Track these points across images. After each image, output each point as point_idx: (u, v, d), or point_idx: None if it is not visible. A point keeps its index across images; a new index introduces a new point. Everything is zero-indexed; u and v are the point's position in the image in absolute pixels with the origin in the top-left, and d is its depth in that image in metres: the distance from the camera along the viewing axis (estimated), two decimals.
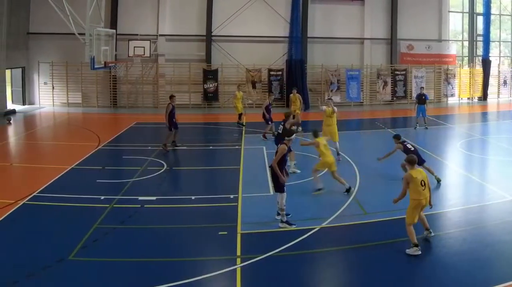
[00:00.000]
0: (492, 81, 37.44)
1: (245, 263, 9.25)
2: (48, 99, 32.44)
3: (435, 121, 26.13)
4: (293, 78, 32.08)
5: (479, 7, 37.28)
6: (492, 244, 10.03)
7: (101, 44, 24.67)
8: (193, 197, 13.28)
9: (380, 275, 8.88)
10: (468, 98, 36.86)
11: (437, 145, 20.15)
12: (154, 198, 13.26)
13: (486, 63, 36.77)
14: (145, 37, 31.43)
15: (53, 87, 32.30)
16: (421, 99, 24.13)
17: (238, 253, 9.74)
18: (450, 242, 10.28)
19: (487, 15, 36.46)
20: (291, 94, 23.72)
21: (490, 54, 37.18)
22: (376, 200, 13.00)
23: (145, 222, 11.62)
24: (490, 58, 37.03)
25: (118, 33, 29.49)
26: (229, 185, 14.37)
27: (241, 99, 24.89)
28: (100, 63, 24.40)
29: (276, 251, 9.75)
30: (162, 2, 32.43)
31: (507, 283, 8.32)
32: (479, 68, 37.08)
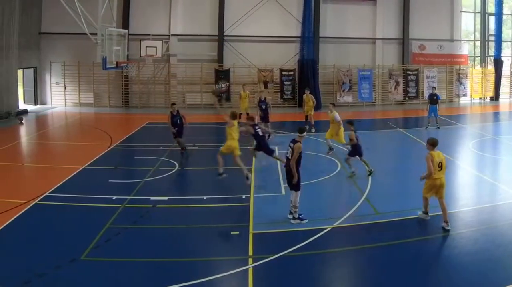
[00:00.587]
0: (504, 81, 37.21)
1: (257, 263, 9.25)
2: (60, 99, 32.65)
3: (447, 121, 25.95)
4: (305, 78, 32.00)
5: (491, 7, 37.03)
6: (505, 244, 9.97)
7: (113, 44, 24.82)
8: (205, 197, 13.27)
9: (392, 276, 8.84)
10: (480, 98, 36.58)
11: (449, 145, 20.00)
12: (166, 198, 13.27)
13: (498, 63, 36.55)
14: (157, 37, 31.47)
15: (65, 87, 32.48)
16: (433, 99, 24.08)
17: (250, 253, 9.74)
18: (462, 242, 10.23)
19: (499, 15, 36.28)
20: (304, 95, 23.68)
21: (502, 54, 36.96)
22: (388, 200, 12.99)
23: (157, 222, 11.67)
24: (502, 58, 36.82)
25: (130, 33, 29.69)
26: (241, 185, 14.29)
27: (247, 99, 24.83)
28: (112, 63, 24.55)
29: (288, 251, 9.73)
30: (174, 2, 32.48)
31: None
32: (491, 68, 36.82)
